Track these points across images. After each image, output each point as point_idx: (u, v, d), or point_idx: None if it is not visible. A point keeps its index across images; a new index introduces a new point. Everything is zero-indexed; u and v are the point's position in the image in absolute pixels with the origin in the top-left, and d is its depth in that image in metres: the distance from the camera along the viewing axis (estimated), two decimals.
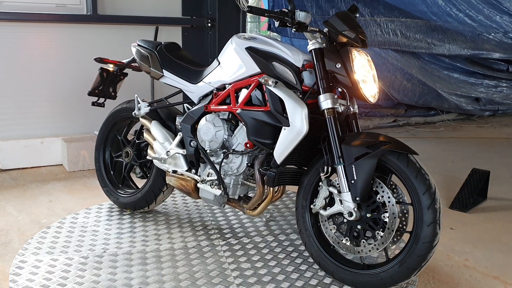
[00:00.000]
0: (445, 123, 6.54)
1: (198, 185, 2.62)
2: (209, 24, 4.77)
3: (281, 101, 2.19)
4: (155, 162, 2.81)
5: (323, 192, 2.16)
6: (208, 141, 2.52)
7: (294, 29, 2.13)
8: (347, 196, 2.07)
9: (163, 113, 2.89)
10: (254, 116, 2.30)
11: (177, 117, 2.80)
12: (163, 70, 2.79)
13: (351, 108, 2.24)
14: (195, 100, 2.70)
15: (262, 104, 2.33)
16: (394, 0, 5.95)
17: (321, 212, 2.18)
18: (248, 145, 2.38)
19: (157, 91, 4.48)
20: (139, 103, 2.89)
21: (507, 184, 3.83)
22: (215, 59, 2.59)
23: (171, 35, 4.57)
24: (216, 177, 2.51)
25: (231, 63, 2.46)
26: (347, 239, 2.15)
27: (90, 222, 2.92)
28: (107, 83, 3.10)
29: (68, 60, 4.19)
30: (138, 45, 2.93)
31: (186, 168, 2.68)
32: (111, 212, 3.09)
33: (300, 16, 2.15)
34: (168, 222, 2.94)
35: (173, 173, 2.72)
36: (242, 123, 2.37)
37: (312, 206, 2.21)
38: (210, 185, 2.55)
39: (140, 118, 2.90)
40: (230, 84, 2.47)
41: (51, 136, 4.20)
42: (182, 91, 2.79)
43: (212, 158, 2.56)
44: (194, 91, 2.68)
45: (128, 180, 3.17)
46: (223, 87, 2.52)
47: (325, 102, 2.13)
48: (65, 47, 4.18)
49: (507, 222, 3.08)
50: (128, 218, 2.99)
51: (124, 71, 3.15)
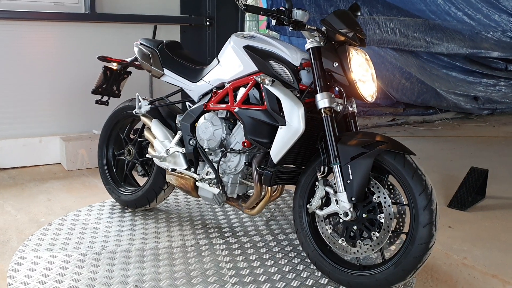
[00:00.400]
0: (443, 122, 6.54)
1: (197, 183, 2.62)
2: (208, 23, 4.77)
3: (278, 100, 2.18)
4: (155, 161, 2.81)
5: (320, 191, 2.14)
6: (207, 139, 2.52)
7: (291, 27, 2.12)
8: (342, 196, 2.06)
9: (164, 111, 2.89)
10: (251, 115, 2.29)
11: (177, 116, 2.80)
12: (164, 68, 2.80)
13: (349, 107, 2.22)
14: (195, 99, 2.69)
15: (259, 103, 2.32)
16: None
17: (317, 212, 2.16)
18: (245, 144, 2.37)
19: (157, 89, 4.47)
20: (140, 101, 2.89)
21: (505, 182, 3.84)
22: (215, 58, 2.58)
23: (169, 34, 4.56)
24: (215, 176, 2.51)
25: (230, 61, 2.46)
26: (343, 240, 2.14)
27: (92, 220, 2.93)
28: (110, 82, 3.11)
29: (67, 59, 4.19)
30: (140, 43, 2.94)
31: (185, 166, 2.67)
32: (113, 209, 3.10)
33: (297, 14, 2.12)
34: (169, 220, 2.94)
35: (172, 171, 2.72)
36: (240, 121, 2.37)
37: (308, 205, 2.20)
38: (209, 184, 2.55)
39: (141, 117, 2.90)
40: (228, 82, 2.46)
41: (49, 134, 4.19)
42: (182, 89, 2.79)
43: (210, 157, 2.55)
44: (194, 89, 2.68)
45: (130, 178, 3.17)
46: (222, 86, 2.52)
47: (322, 101, 2.11)
48: (64, 45, 4.18)
49: (506, 220, 3.08)
50: (129, 216, 3.00)
51: (127, 70, 3.15)
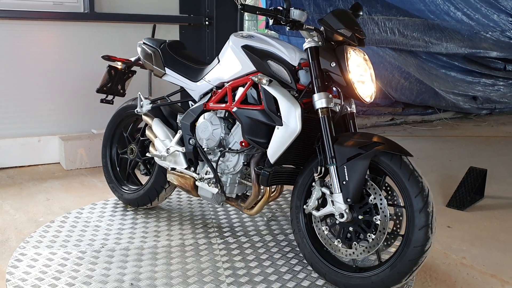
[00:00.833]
0: (442, 121, 6.55)
1: (197, 183, 2.62)
2: (207, 22, 4.77)
3: (275, 100, 2.18)
4: (156, 160, 2.81)
5: (316, 192, 2.12)
6: (206, 139, 2.52)
7: (288, 27, 2.11)
8: (338, 197, 2.04)
9: (166, 110, 2.90)
10: (249, 114, 2.28)
11: (178, 115, 2.80)
12: (166, 68, 2.80)
13: (348, 108, 2.21)
14: (196, 98, 2.70)
15: (257, 103, 2.32)
16: None
17: (314, 212, 2.15)
18: (243, 144, 2.37)
19: (156, 88, 4.47)
20: (141, 100, 2.90)
21: (504, 182, 3.84)
22: (216, 57, 2.58)
23: (168, 33, 4.56)
24: (213, 175, 2.51)
25: (229, 61, 2.46)
26: (339, 241, 2.12)
27: (94, 218, 2.94)
28: (115, 81, 3.12)
29: (66, 58, 4.18)
30: (143, 43, 2.96)
31: (185, 166, 2.67)
32: (116, 208, 3.12)
33: (295, 14, 2.11)
34: (170, 219, 2.95)
35: (172, 170, 2.73)
36: (238, 121, 2.36)
37: (305, 206, 2.18)
38: (208, 183, 2.55)
39: (143, 116, 2.91)
40: (228, 82, 2.46)
41: (48, 134, 4.19)
42: (183, 89, 2.79)
43: (209, 156, 2.55)
44: (195, 89, 2.69)
45: (133, 177, 3.19)
46: (222, 85, 2.52)
47: (319, 101, 2.10)
48: (63, 45, 4.17)
49: (504, 220, 3.08)
50: (131, 214, 3.00)
51: (132, 69, 3.16)
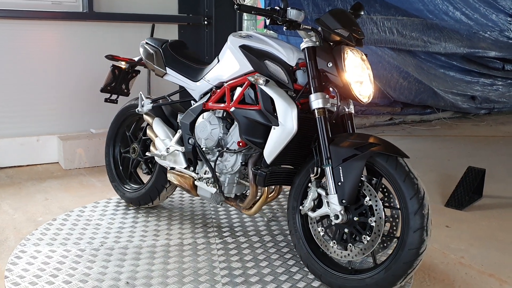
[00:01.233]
0: (441, 121, 6.55)
1: (196, 182, 2.62)
2: (206, 22, 4.77)
3: (272, 100, 2.17)
4: (156, 159, 2.82)
5: (312, 193, 2.12)
6: (204, 138, 2.52)
7: (285, 27, 2.10)
8: (333, 199, 2.02)
9: (167, 110, 2.91)
10: (246, 114, 2.28)
11: (178, 114, 2.81)
12: (167, 67, 2.81)
13: (346, 108, 2.20)
14: (197, 98, 2.70)
15: (255, 103, 2.31)
16: None
17: (310, 214, 2.14)
18: (240, 144, 2.36)
19: (156, 88, 4.46)
20: (143, 100, 2.91)
21: (502, 182, 3.84)
22: (216, 57, 2.58)
23: (167, 33, 4.56)
24: (211, 175, 2.51)
25: (227, 61, 2.46)
26: (334, 242, 2.11)
27: (96, 216, 2.95)
28: (119, 80, 3.14)
29: (64, 58, 4.18)
30: (146, 43, 2.96)
31: (184, 165, 2.68)
32: (118, 206, 3.13)
33: (292, 14, 2.08)
34: (171, 218, 2.95)
35: (172, 169, 2.73)
36: (236, 121, 2.36)
37: (301, 207, 2.17)
38: (206, 183, 2.55)
39: (144, 115, 2.92)
40: (226, 82, 2.46)
41: (47, 134, 4.19)
42: (184, 88, 2.80)
43: (208, 156, 2.55)
44: (195, 88, 2.69)
45: (135, 176, 3.20)
46: (221, 85, 2.52)
47: (315, 101, 2.08)
48: (61, 44, 4.17)
49: (503, 220, 3.08)
50: (132, 213, 3.01)
51: (135, 69, 3.17)
